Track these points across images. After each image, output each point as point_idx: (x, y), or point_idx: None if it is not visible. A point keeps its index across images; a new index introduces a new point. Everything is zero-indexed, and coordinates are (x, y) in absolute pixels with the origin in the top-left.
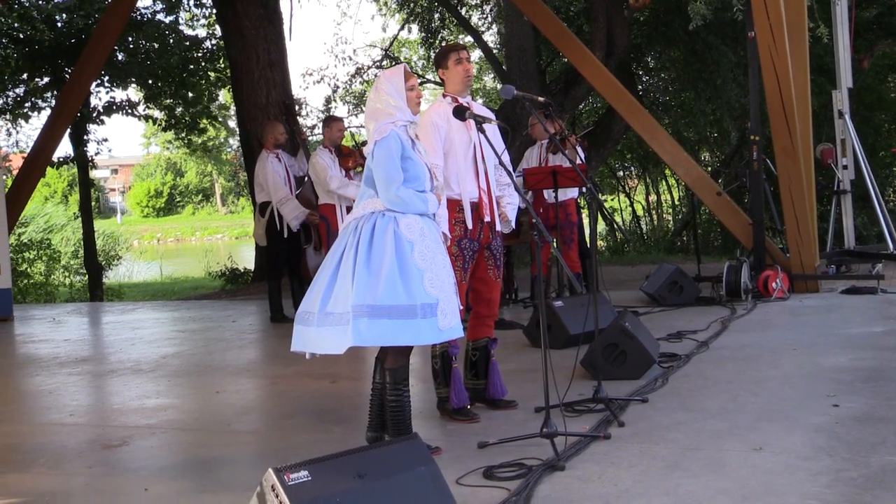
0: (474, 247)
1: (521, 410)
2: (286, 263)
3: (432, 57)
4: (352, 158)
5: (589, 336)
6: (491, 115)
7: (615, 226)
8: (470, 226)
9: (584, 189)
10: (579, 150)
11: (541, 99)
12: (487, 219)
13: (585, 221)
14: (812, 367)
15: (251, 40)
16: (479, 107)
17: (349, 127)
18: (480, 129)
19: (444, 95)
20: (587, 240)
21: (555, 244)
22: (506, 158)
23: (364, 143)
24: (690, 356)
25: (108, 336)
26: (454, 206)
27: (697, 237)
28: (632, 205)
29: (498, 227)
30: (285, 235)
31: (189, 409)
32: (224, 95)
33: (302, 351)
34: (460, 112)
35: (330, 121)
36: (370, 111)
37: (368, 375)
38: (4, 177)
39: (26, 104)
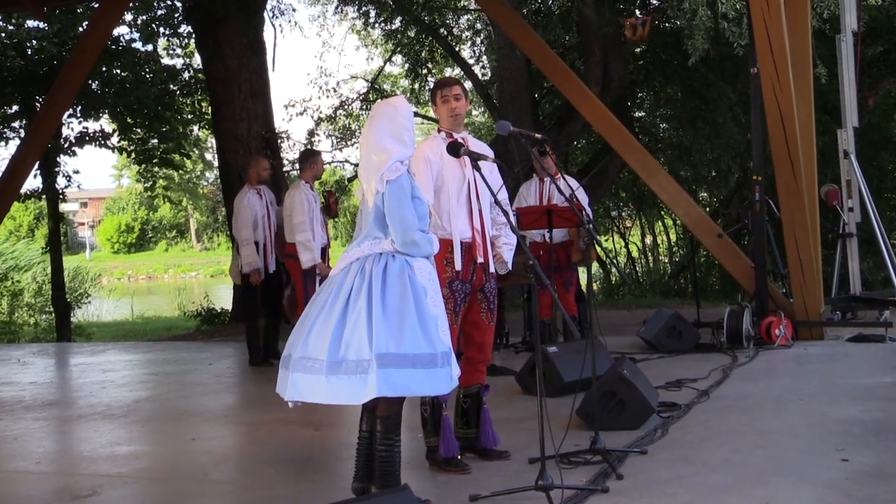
0: (466, 289)
1: (515, 461)
2: (265, 303)
3: (417, 90)
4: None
5: (585, 383)
6: (489, 151)
7: (615, 268)
8: (459, 267)
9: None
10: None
11: (537, 136)
12: (480, 260)
13: None
14: (819, 418)
15: (233, 70)
16: (475, 142)
17: (333, 161)
18: (476, 167)
19: (439, 130)
20: (583, 283)
21: (553, 288)
22: (503, 196)
23: (329, 192)
24: (691, 406)
25: (77, 378)
26: (445, 245)
27: (696, 280)
28: (627, 246)
29: (492, 269)
30: (262, 276)
31: (163, 457)
32: (199, 130)
33: (302, 401)
34: (455, 149)
35: (313, 154)
36: (391, 140)
37: (352, 422)
38: None
39: None
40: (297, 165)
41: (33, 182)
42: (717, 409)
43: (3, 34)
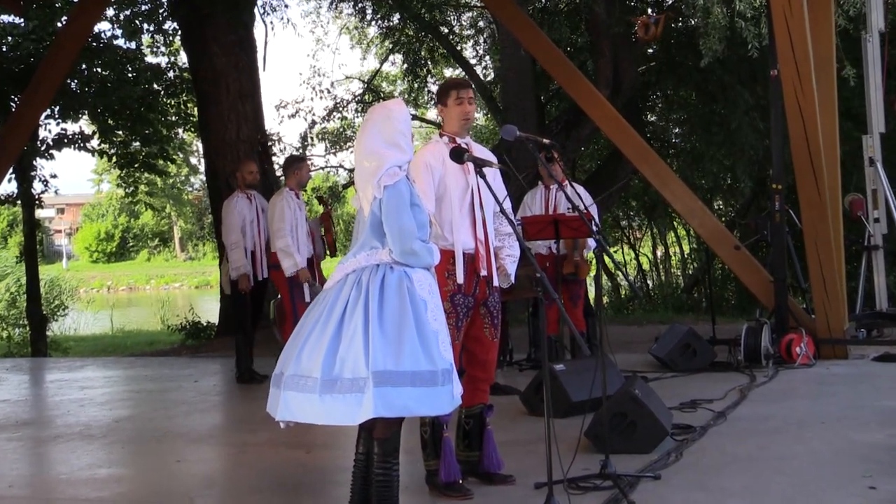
0: (469, 303)
1: (520, 486)
2: (255, 315)
3: (416, 90)
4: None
5: (594, 404)
6: (492, 157)
7: (627, 281)
8: (461, 280)
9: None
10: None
11: (546, 141)
12: (484, 272)
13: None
14: (843, 443)
15: (221, 69)
16: (479, 148)
17: (327, 166)
18: (480, 174)
19: (441, 135)
20: (591, 297)
21: (560, 302)
22: (507, 205)
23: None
24: (706, 428)
25: (54, 396)
26: (447, 257)
27: (712, 295)
28: (637, 258)
29: (496, 282)
30: (252, 282)
31: (145, 480)
32: (185, 132)
33: (294, 421)
34: (458, 154)
35: (298, 161)
36: (385, 146)
37: (347, 444)
38: None
39: None
40: None
41: (7, 186)
42: (734, 432)
43: None
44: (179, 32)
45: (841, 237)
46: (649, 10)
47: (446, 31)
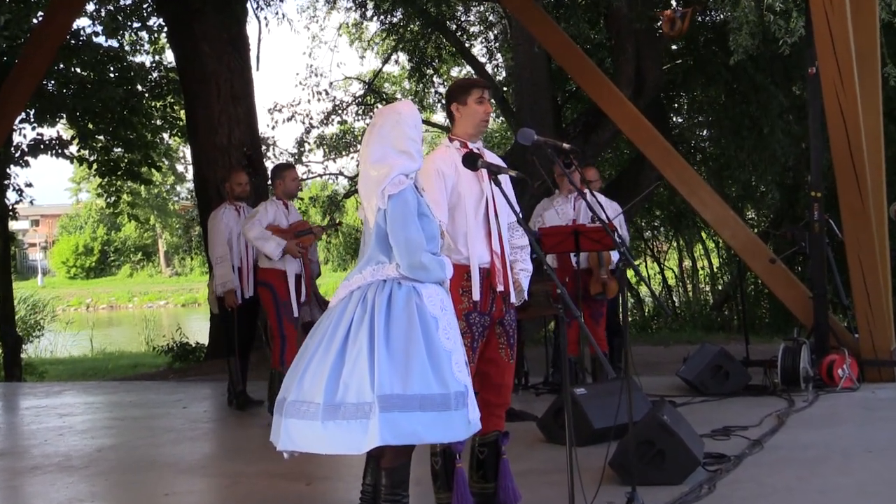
0: (485, 321)
1: None
2: (249, 335)
3: (421, 91)
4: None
5: (619, 431)
6: (503, 165)
7: (654, 298)
8: (477, 297)
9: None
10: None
11: (566, 146)
12: (501, 288)
13: None
14: (892, 474)
15: (211, 69)
16: (490, 155)
17: (325, 173)
18: (495, 181)
19: (451, 139)
20: (619, 314)
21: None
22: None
23: (335, 223)
24: (741, 457)
25: (30, 424)
26: (461, 272)
27: (745, 312)
28: (662, 272)
29: (513, 298)
30: (239, 299)
31: None
32: (171, 137)
33: (297, 450)
34: (472, 160)
35: (282, 170)
36: (393, 153)
37: (350, 475)
38: None
39: None
40: None
41: None
42: (771, 462)
43: None
44: (166, 29)
45: (887, 248)
46: (674, 4)
47: (454, 26)
